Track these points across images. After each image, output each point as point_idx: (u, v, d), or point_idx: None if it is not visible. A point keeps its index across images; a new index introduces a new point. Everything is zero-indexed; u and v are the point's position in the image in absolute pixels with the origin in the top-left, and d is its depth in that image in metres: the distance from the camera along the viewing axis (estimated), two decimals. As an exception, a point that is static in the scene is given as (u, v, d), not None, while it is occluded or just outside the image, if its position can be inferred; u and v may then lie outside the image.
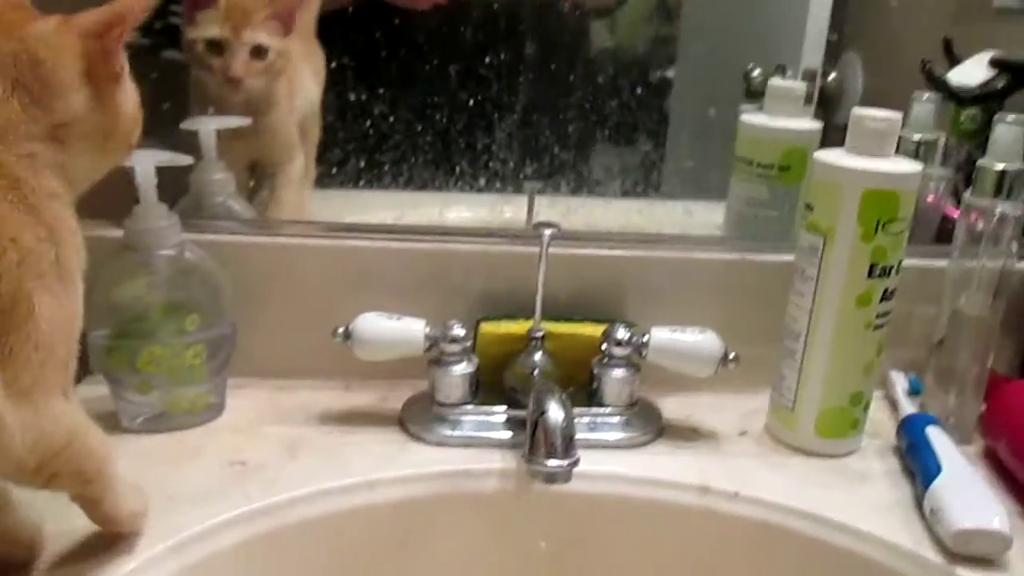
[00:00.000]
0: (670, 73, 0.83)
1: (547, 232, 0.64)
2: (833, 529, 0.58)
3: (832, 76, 0.83)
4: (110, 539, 0.51)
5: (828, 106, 0.83)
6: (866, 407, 0.66)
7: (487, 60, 0.76)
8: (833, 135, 0.72)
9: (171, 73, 0.72)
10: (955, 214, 0.71)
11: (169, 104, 0.70)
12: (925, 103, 0.79)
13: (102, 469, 0.47)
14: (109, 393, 0.64)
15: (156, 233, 0.61)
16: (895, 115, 0.61)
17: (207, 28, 0.69)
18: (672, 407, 0.71)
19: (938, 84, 0.89)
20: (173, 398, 0.65)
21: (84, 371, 0.68)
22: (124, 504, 0.49)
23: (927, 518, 0.57)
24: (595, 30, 0.82)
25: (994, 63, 0.84)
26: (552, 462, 0.54)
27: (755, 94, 0.79)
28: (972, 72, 0.92)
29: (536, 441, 0.55)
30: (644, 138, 0.81)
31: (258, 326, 0.69)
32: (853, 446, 0.67)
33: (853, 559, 0.57)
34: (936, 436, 0.63)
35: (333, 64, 0.75)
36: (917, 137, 0.79)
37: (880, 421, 0.70)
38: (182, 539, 0.53)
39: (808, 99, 0.79)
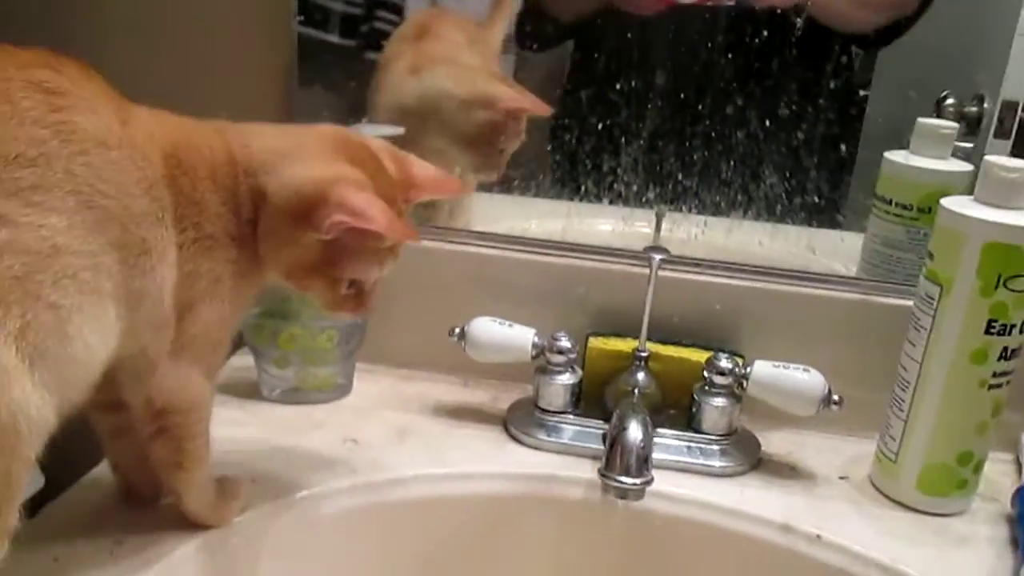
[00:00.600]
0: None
1: (657, 257, 0.66)
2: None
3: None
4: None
5: None
6: (976, 468, 0.63)
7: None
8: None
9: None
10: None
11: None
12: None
13: (197, 461, 0.53)
14: (254, 365, 0.73)
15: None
16: (1030, 165, 0.58)
17: None
18: (775, 442, 0.70)
19: None
20: (306, 375, 0.72)
21: (238, 345, 0.78)
22: (197, 507, 0.55)
23: None
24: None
25: None
26: (626, 479, 0.57)
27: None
28: None
29: (612, 457, 0.57)
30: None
31: (390, 318, 0.75)
32: (959, 507, 0.64)
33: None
34: (1050, 509, 0.59)
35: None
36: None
37: (1004, 487, 0.67)
38: (294, 499, 0.60)
39: (1005, 133, 0.76)
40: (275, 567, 0.59)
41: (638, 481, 0.57)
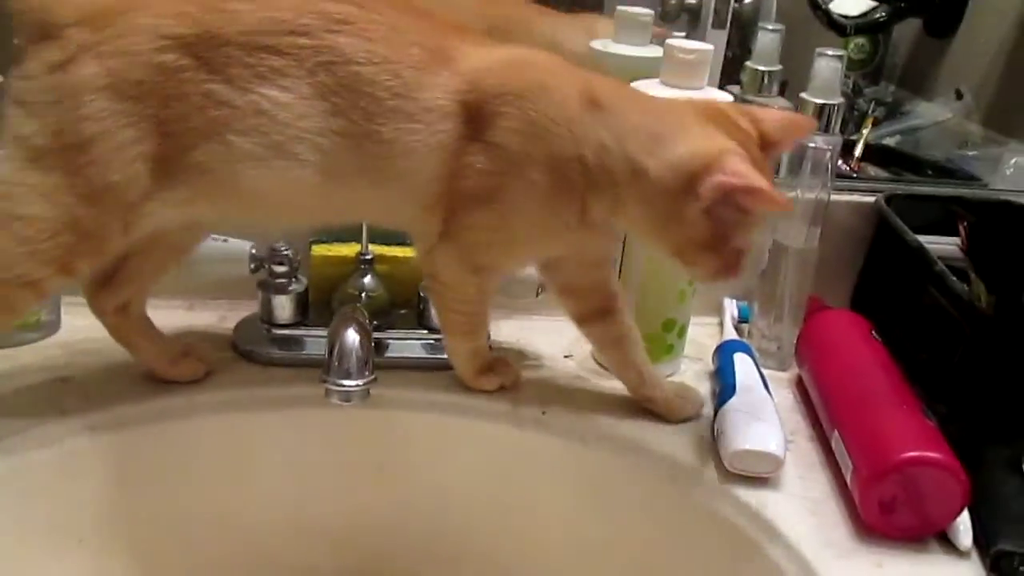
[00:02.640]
0: None
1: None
2: (625, 449, 0.61)
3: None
4: None
5: (745, 31, 0.85)
6: (680, 333, 0.69)
7: None
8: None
9: None
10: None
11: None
12: (771, 34, 0.79)
13: (452, 331, 0.63)
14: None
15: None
16: (706, 47, 0.61)
17: None
18: (506, 330, 0.73)
19: (821, 13, 0.90)
20: (2, 315, 0.66)
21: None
22: (459, 370, 0.64)
23: (715, 438, 0.61)
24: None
25: None
26: (347, 382, 0.57)
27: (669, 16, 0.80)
28: (855, 2, 0.93)
29: (331, 363, 0.57)
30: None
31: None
32: (669, 370, 0.70)
33: (639, 477, 0.61)
34: (741, 361, 0.66)
35: None
36: (762, 69, 0.80)
37: (708, 347, 0.73)
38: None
39: (721, 23, 0.80)
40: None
41: (360, 383, 0.57)
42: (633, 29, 0.74)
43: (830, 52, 0.68)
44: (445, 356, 0.66)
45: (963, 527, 0.53)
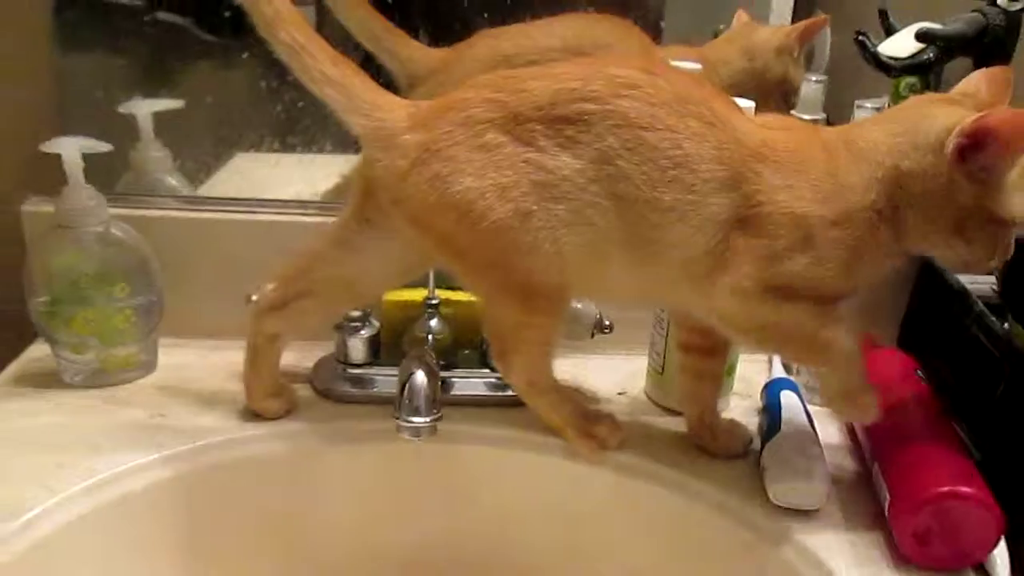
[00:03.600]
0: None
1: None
2: (675, 483, 0.65)
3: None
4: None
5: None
6: (730, 371, 0.72)
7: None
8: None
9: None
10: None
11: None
12: (815, 85, 0.83)
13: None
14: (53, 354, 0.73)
15: (83, 212, 0.69)
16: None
17: None
18: (562, 367, 0.77)
19: (869, 55, 0.92)
20: (107, 357, 0.73)
21: (32, 335, 0.77)
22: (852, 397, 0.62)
23: (761, 473, 0.64)
24: None
25: (919, 37, 0.87)
26: (415, 419, 0.62)
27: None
28: (903, 44, 0.95)
29: (402, 401, 0.62)
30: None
31: (188, 292, 0.77)
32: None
33: (689, 510, 0.64)
34: (787, 398, 0.69)
35: (246, 55, 0.80)
36: (807, 118, 0.83)
37: (757, 384, 0.76)
38: (96, 481, 0.61)
39: None
40: (84, 550, 0.60)
41: (428, 419, 0.62)
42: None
43: (868, 104, 0.71)
44: (506, 393, 0.71)
45: (1000, 560, 0.55)
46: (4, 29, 0.76)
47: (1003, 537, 0.56)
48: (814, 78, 0.85)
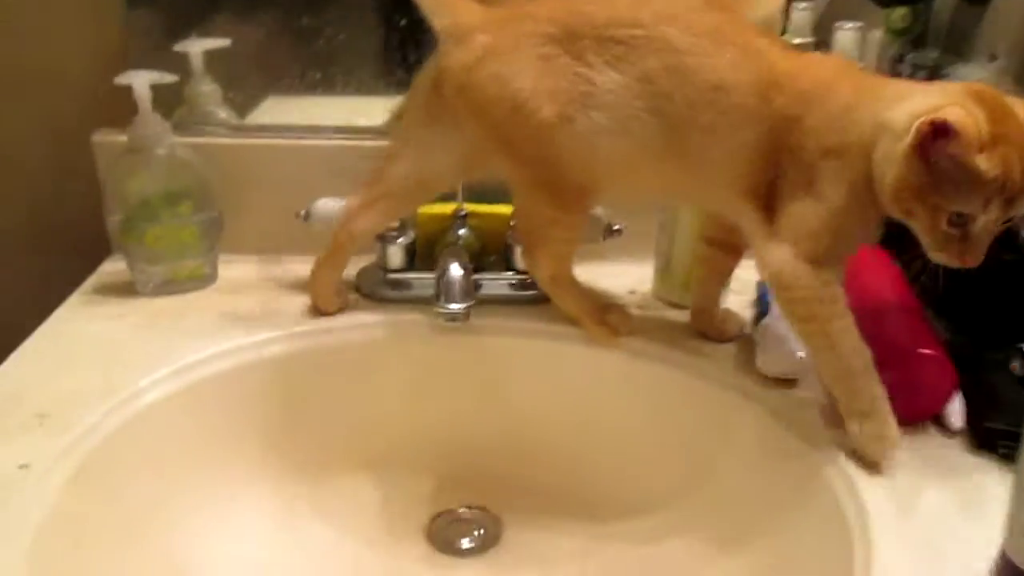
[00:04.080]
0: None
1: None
2: (681, 363, 0.75)
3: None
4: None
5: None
6: (727, 269, 0.81)
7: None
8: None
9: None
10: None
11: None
12: (802, 11, 0.90)
13: (809, 344, 0.65)
14: (127, 267, 0.83)
15: (151, 137, 0.78)
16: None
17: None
18: (578, 273, 0.86)
19: None
20: (175, 268, 0.83)
21: (106, 251, 0.87)
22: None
23: (755, 349, 0.73)
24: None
25: None
26: (452, 305, 0.72)
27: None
28: None
29: (440, 291, 0.72)
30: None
31: (243, 211, 0.86)
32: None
33: (692, 388, 0.74)
34: (776, 291, 0.78)
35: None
36: (797, 41, 0.91)
37: (751, 282, 0.85)
38: (177, 367, 0.72)
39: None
40: (172, 425, 0.71)
41: (463, 306, 0.72)
42: None
43: (848, 25, 0.79)
44: (527, 292, 0.80)
45: (955, 412, 0.65)
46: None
47: (957, 391, 0.65)
48: (802, 5, 0.92)
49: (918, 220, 0.58)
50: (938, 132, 0.54)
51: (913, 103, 0.57)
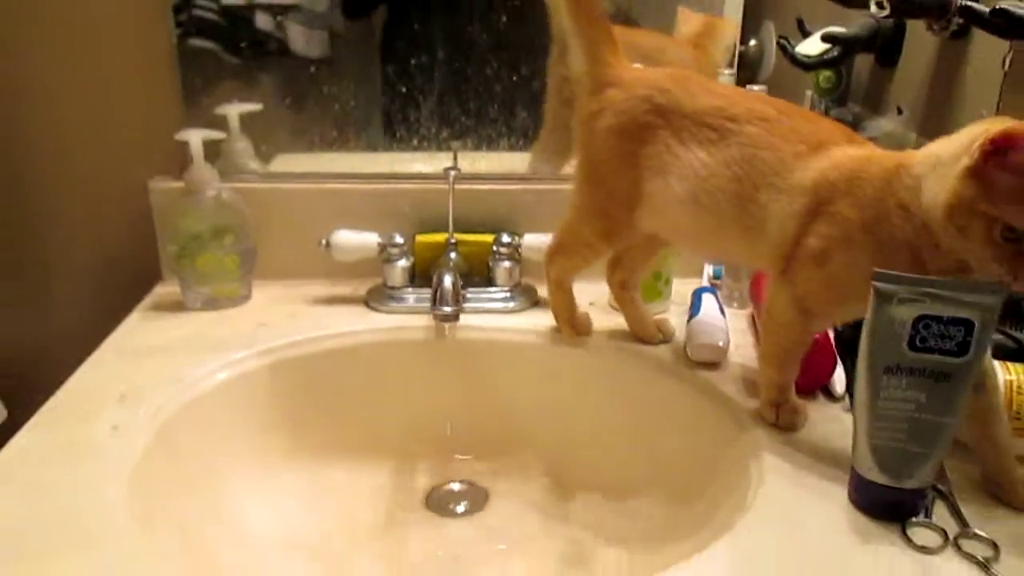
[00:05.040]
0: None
1: (452, 173, 0.99)
2: (629, 355, 0.93)
3: (752, 43, 1.13)
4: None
5: (751, 68, 1.13)
6: (666, 282, 1.00)
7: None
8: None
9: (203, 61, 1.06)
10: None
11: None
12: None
13: (765, 356, 0.79)
14: (179, 288, 1.01)
15: (204, 182, 0.97)
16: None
17: None
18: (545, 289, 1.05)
19: (789, 55, 1.17)
20: (218, 288, 1.01)
21: (157, 277, 1.05)
22: (764, 400, 0.78)
23: (685, 343, 0.92)
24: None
25: (825, 39, 1.10)
26: (445, 308, 0.90)
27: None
28: (815, 45, 1.20)
29: (435, 297, 0.91)
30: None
31: (272, 244, 1.05)
32: (659, 309, 1.01)
33: (637, 374, 0.92)
34: (707, 298, 0.97)
35: (312, 69, 1.08)
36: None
37: (688, 293, 1.04)
38: (224, 362, 0.90)
39: (729, 64, 1.09)
40: (222, 407, 0.88)
41: (453, 308, 0.90)
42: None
43: (756, 88, 0.99)
44: (505, 305, 0.99)
45: (838, 382, 0.83)
46: (138, 51, 1.04)
47: (839, 367, 0.84)
48: (756, 87, 1.11)
49: (973, 235, 0.59)
50: (999, 145, 0.57)
51: (954, 138, 0.62)
